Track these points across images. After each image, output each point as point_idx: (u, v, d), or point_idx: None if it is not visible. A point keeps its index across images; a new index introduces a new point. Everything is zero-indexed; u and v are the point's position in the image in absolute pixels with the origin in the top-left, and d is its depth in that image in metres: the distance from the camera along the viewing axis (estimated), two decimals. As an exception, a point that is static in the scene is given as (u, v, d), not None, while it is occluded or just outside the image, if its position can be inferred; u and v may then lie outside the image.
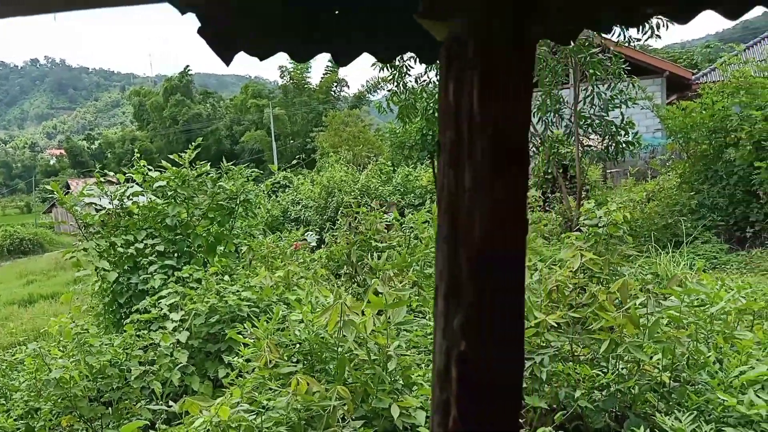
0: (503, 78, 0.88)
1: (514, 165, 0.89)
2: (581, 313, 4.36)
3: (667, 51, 30.92)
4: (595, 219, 6.44)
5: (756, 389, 3.72)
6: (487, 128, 0.87)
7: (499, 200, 0.88)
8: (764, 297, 4.95)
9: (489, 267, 0.88)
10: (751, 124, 9.28)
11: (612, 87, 11.17)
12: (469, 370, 0.89)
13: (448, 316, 0.90)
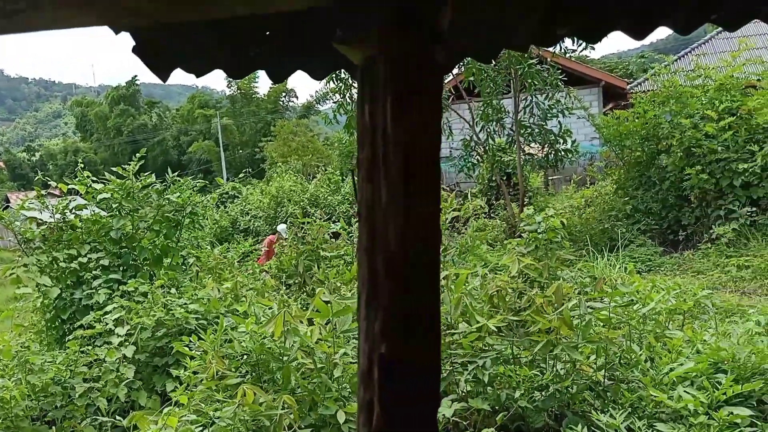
0: (414, 99, 0.95)
1: (425, 179, 0.95)
2: (521, 316, 4.50)
3: (604, 61, 31.94)
4: (535, 225, 6.61)
5: (686, 385, 3.91)
6: (399, 146, 0.94)
7: (413, 212, 0.94)
8: (693, 297, 5.17)
9: (405, 273, 0.94)
10: (681, 131, 9.70)
11: (550, 97, 11.51)
12: (389, 371, 0.95)
13: (369, 321, 0.96)
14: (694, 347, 4.43)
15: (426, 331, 0.96)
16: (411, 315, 0.95)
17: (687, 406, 3.58)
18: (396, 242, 0.94)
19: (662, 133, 10.02)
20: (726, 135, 9.32)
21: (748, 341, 4.34)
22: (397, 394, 0.95)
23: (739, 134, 9.38)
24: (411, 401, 0.96)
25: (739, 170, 9.14)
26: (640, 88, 17.42)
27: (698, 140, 9.46)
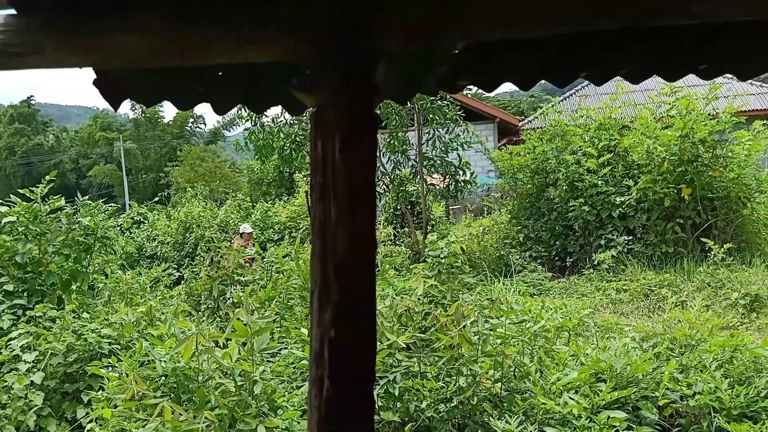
0: (356, 138, 1.19)
1: (365, 200, 1.19)
2: (427, 334, 4.79)
3: (498, 99, 33.78)
4: (438, 251, 6.96)
5: (570, 393, 4.30)
6: (345, 174, 1.17)
7: (355, 226, 1.18)
8: (577, 316, 5.66)
9: (349, 274, 1.17)
10: (565, 166, 10.49)
11: (450, 131, 12.12)
12: (337, 351, 1.16)
13: (321, 311, 1.18)
14: (578, 360, 4.87)
15: (366, 320, 1.18)
16: (354, 307, 1.17)
17: (572, 411, 3.97)
18: (343, 250, 1.16)
19: (550, 167, 10.79)
20: (605, 170, 10.20)
21: (624, 354, 4.82)
22: (342, 371, 1.17)
23: (617, 170, 10.28)
24: (353, 377, 1.18)
25: (617, 203, 9.99)
26: (531, 125, 18.58)
27: (581, 175, 10.28)
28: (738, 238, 9.29)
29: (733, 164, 9.28)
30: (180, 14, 1.17)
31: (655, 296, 8.38)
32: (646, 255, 9.61)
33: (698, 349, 4.63)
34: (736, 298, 7.52)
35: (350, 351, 1.17)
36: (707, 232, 9.29)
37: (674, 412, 4.35)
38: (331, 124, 1.19)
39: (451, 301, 6.16)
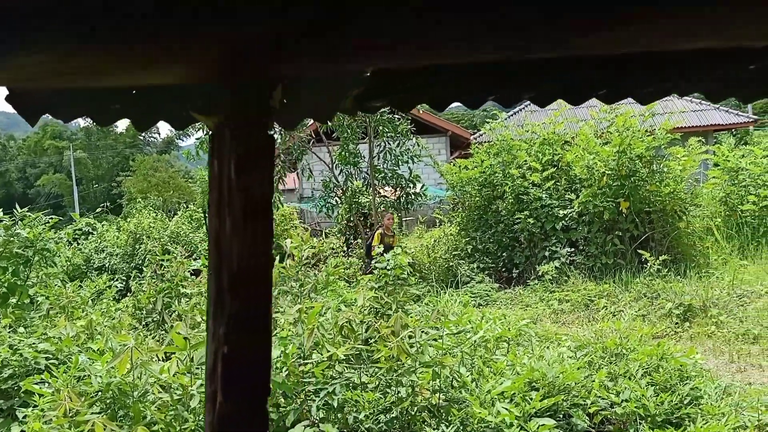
0: (252, 157, 1.22)
1: (260, 217, 1.22)
2: (369, 345, 4.82)
3: (453, 113, 34.26)
4: (384, 263, 7.00)
5: (505, 402, 4.39)
6: (240, 192, 1.20)
7: (250, 241, 1.21)
8: (516, 326, 5.78)
9: (243, 288, 1.20)
10: (511, 180, 10.71)
11: (401, 144, 12.25)
12: (230, 366, 1.19)
13: (215, 326, 1.20)
14: (514, 369, 4.97)
15: (260, 334, 1.21)
16: (248, 321, 1.20)
17: (504, 420, 4.05)
18: (238, 264, 1.19)
19: (496, 180, 11.00)
20: (549, 184, 10.45)
21: (558, 363, 4.94)
22: (235, 386, 1.19)
23: (560, 184, 10.55)
24: (247, 391, 1.20)
25: (560, 215, 10.25)
26: (482, 139, 18.89)
27: (526, 188, 10.51)
28: (674, 250, 9.63)
29: (668, 179, 9.63)
30: (80, 37, 1.18)
31: (594, 306, 8.60)
32: (587, 266, 9.87)
33: (628, 357, 4.79)
34: (670, 308, 7.78)
35: (243, 365, 1.19)
36: (645, 244, 9.60)
37: (604, 419, 4.47)
38: (227, 145, 1.22)
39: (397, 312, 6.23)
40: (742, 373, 6.09)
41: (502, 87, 2.05)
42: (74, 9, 1.04)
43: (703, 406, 4.23)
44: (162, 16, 1.23)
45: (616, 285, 9.02)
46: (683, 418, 4.17)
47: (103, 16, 1.04)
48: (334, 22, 1.25)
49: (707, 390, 4.42)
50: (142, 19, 1.20)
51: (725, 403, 4.45)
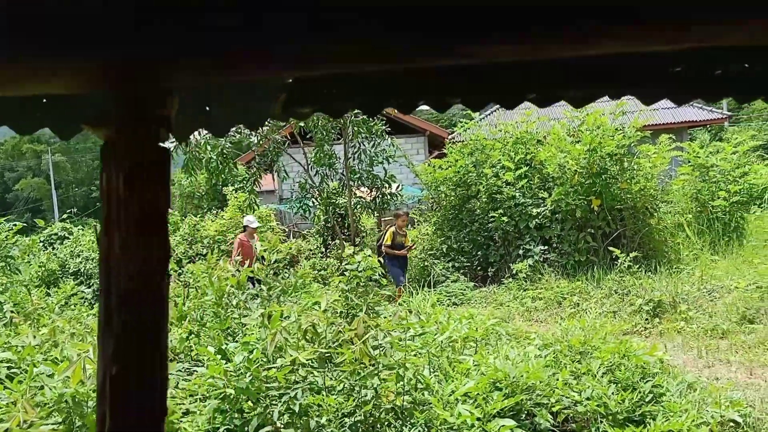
0: (143, 169, 1.18)
1: (153, 231, 1.19)
2: (332, 349, 4.78)
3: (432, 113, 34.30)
4: (355, 264, 6.96)
5: (468, 403, 4.38)
6: (132, 205, 1.16)
7: (142, 258, 1.17)
8: (483, 326, 5.77)
9: (134, 308, 1.16)
10: (485, 179, 10.73)
11: (376, 145, 12.22)
12: (119, 388, 1.15)
13: (105, 346, 1.16)
14: (480, 370, 4.96)
15: (153, 354, 1.17)
16: (139, 341, 1.16)
17: (465, 421, 4.03)
18: (127, 283, 1.15)
19: (471, 180, 11.01)
20: (522, 183, 10.48)
21: (524, 362, 4.94)
22: (125, 408, 1.15)
23: (533, 182, 10.58)
24: (139, 413, 1.16)
25: (534, 214, 10.28)
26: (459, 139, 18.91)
27: (499, 187, 10.53)
28: (645, 246, 9.70)
29: (639, 176, 9.70)
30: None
31: (567, 304, 8.64)
32: (560, 264, 9.91)
33: (591, 356, 4.80)
34: (640, 304, 7.82)
35: (135, 386, 1.15)
36: (617, 241, 9.66)
37: (567, 418, 4.48)
38: (119, 157, 1.18)
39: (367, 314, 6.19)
40: (709, 369, 6.14)
41: (433, 92, 2.04)
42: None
43: (664, 403, 4.25)
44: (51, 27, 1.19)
45: (588, 282, 9.06)
46: (645, 415, 4.18)
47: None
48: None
49: (669, 387, 4.44)
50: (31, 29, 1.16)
51: (688, 400, 4.48)
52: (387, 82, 1.93)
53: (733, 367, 6.13)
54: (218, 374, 4.45)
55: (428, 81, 1.94)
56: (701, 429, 4.04)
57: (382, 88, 1.95)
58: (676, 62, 1.80)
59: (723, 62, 1.90)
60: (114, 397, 1.15)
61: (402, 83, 1.93)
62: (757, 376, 5.84)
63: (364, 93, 1.95)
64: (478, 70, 1.88)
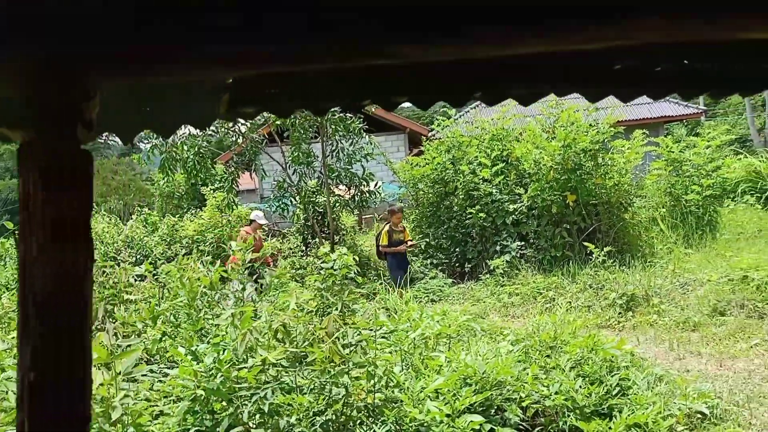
0: (62, 172, 1.16)
1: (73, 237, 1.16)
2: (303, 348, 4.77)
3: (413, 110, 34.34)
4: (330, 262, 6.95)
5: (438, 399, 4.38)
6: (49, 210, 1.14)
7: (60, 264, 1.15)
8: (456, 322, 5.78)
9: (51, 314, 1.14)
10: (462, 176, 10.75)
11: (354, 143, 12.19)
12: (37, 396, 1.13)
13: (23, 353, 1.14)
14: (451, 366, 4.97)
15: (73, 359, 1.15)
16: (58, 348, 1.14)
17: (435, 417, 4.04)
18: (44, 288, 1.13)
19: (448, 177, 11.02)
20: (498, 179, 10.52)
21: (496, 357, 4.95)
22: (44, 416, 1.13)
23: (510, 178, 10.62)
24: (59, 421, 1.14)
25: (510, 210, 10.32)
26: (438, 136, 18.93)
27: (476, 184, 10.55)
28: (620, 240, 9.78)
29: (613, 171, 9.77)
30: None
31: (543, 299, 8.69)
32: (537, 259, 9.96)
33: (561, 350, 4.83)
34: (614, 298, 7.89)
35: (54, 395, 1.13)
36: (592, 236, 9.73)
37: (537, 412, 4.50)
38: (36, 159, 1.16)
39: (343, 312, 6.19)
40: (680, 361, 6.21)
41: (380, 91, 2.03)
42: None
43: (631, 396, 4.29)
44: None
45: (564, 277, 9.12)
46: (612, 408, 4.22)
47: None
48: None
49: (636, 380, 4.48)
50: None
51: (655, 392, 4.52)
52: (333, 82, 1.92)
53: (703, 359, 6.20)
54: (189, 375, 4.42)
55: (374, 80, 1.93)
56: (667, 421, 4.08)
57: (328, 87, 1.94)
58: (618, 60, 1.81)
59: (665, 60, 1.91)
60: (32, 405, 1.13)
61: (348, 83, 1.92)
62: (727, 367, 5.91)
63: (309, 93, 1.94)
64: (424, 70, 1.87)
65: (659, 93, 2.02)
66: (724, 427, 4.46)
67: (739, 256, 8.59)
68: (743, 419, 4.67)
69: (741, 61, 1.90)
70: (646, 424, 3.90)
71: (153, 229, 17.47)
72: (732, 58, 1.87)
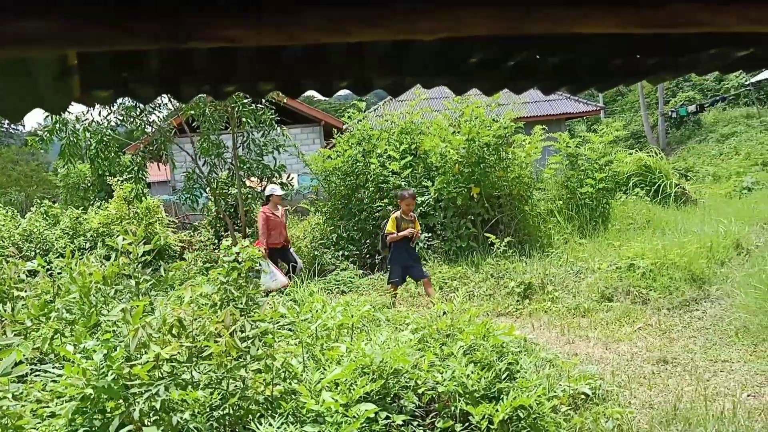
0: None
1: None
2: (199, 342, 4.62)
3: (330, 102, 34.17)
4: (233, 255, 6.78)
5: (336, 390, 4.36)
6: None
7: None
8: (359, 312, 5.78)
9: None
10: (373, 169, 10.78)
11: (265, 134, 11.97)
12: None
13: None
14: (351, 356, 4.96)
15: None
16: None
17: (330, 407, 4.02)
18: None
19: (358, 169, 11.03)
20: (407, 172, 10.62)
21: (396, 346, 4.98)
22: None
23: (417, 171, 10.75)
24: None
25: (419, 202, 10.44)
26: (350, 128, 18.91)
27: (386, 177, 10.61)
28: (521, 231, 10.11)
29: (514, 165, 10.07)
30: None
31: (448, 288, 8.85)
32: (444, 250, 10.14)
33: (456, 338, 4.92)
34: (512, 286, 8.14)
35: None
36: (495, 227, 10.00)
37: (432, 398, 4.57)
38: None
39: (246, 306, 6.05)
40: (570, 345, 6.48)
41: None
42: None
43: (519, 379, 4.42)
44: None
45: (468, 267, 9.32)
46: (501, 392, 4.33)
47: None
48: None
49: (524, 365, 4.63)
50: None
51: (541, 375, 4.68)
52: (191, 68, 1.84)
53: (591, 343, 6.50)
54: (76, 374, 4.20)
55: (240, 65, 1.86)
56: (551, 402, 4.24)
57: (188, 73, 1.85)
58: (463, 53, 1.82)
59: (554, 54, 1.94)
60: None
61: (212, 65, 1.84)
62: (612, 350, 6.22)
63: (167, 78, 1.85)
64: (292, 56, 1.82)
65: (494, 88, 2.05)
66: (606, 406, 4.68)
67: (627, 246, 9.07)
68: (623, 399, 4.92)
69: (618, 56, 1.96)
70: (530, 405, 4.03)
71: (54, 222, 16.56)
72: (610, 53, 1.92)
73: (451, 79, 1.98)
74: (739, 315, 6.64)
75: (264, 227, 9.04)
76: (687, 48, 1.66)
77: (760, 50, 1.67)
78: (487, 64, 1.87)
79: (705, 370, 5.46)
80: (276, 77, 1.95)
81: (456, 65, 1.88)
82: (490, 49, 1.76)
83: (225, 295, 6.15)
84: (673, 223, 11.18)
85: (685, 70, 1.87)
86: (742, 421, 4.31)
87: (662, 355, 5.86)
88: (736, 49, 1.68)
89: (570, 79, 1.88)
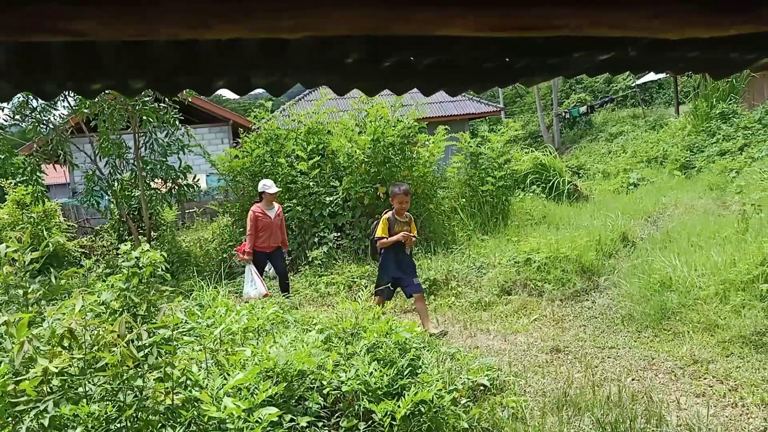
0: None
1: None
2: (92, 353, 4.35)
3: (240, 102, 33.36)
4: (133, 260, 6.46)
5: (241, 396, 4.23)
6: None
7: None
8: (264, 314, 5.65)
9: None
10: (281, 169, 10.60)
11: (169, 134, 11.50)
12: None
13: None
14: (255, 360, 4.83)
15: None
16: None
17: (232, 414, 3.89)
18: None
19: (266, 170, 10.81)
20: (315, 172, 10.52)
21: (301, 348, 4.90)
22: None
23: (325, 171, 10.67)
24: None
25: (327, 202, 10.38)
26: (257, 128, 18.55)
27: (294, 177, 10.47)
28: (426, 229, 10.25)
29: (419, 164, 10.20)
30: None
31: (356, 287, 8.84)
32: (352, 249, 10.13)
33: (360, 336, 4.90)
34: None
35: None
36: (402, 226, 10.07)
37: (337, 398, 4.53)
38: None
39: (148, 314, 5.76)
40: (472, 338, 6.62)
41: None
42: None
43: (420, 375, 4.46)
44: None
45: (376, 265, 9.33)
46: (404, 388, 4.35)
47: None
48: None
49: (425, 360, 4.68)
50: None
51: (441, 369, 4.75)
52: (96, 63, 1.72)
53: (491, 335, 6.68)
54: (-47, 393, 3.85)
55: (105, 61, 1.75)
56: (451, 395, 4.30)
57: (89, 68, 1.73)
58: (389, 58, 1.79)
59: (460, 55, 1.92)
60: None
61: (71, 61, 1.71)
62: (510, 341, 6.41)
63: (75, 72, 1.71)
64: (160, 52, 1.72)
65: (403, 87, 2.04)
66: (503, 396, 4.81)
67: (524, 241, 9.39)
68: (519, 388, 5.08)
69: (490, 58, 1.97)
70: (431, 400, 4.07)
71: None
72: (482, 55, 1.93)
73: (330, 78, 1.94)
74: (625, 304, 7.03)
75: (251, 228, 8.06)
76: (553, 51, 1.70)
77: (620, 53, 1.74)
78: (364, 64, 1.85)
79: (594, 357, 5.74)
80: (147, 75, 1.84)
81: (334, 65, 1.85)
82: (365, 50, 1.74)
83: (125, 303, 5.84)
84: (566, 218, 11.69)
85: (556, 72, 1.93)
86: (626, 405, 4.55)
87: (555, 344, 6.10)
88: (599, 52, 1.75)
89: (447, 80, 1.89)
